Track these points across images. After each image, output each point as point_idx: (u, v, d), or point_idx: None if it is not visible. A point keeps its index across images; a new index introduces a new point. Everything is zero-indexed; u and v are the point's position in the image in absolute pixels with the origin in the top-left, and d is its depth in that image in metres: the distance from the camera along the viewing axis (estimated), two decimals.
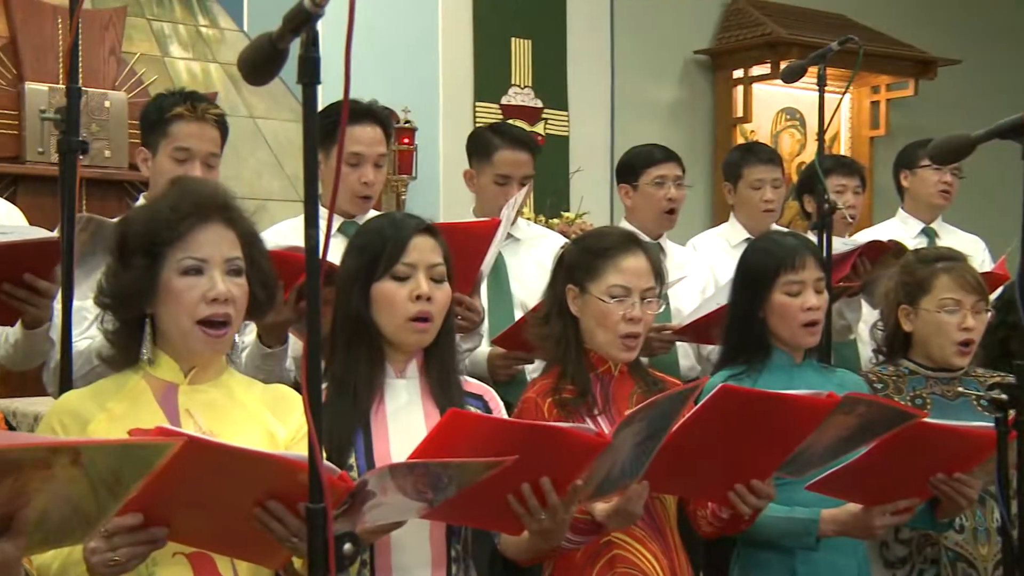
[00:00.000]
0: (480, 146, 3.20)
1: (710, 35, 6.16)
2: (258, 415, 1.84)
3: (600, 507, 2.03)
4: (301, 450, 1.75)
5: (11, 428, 2.76)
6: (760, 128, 6.18)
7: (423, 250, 2.02)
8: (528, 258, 3.13)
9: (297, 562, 1.71)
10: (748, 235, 3.54)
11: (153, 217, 1.80)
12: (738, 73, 6.04)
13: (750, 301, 2.47)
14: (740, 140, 5.84)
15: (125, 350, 1.83)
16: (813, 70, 3.01)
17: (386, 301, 2.00)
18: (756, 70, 5.97)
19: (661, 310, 2.38)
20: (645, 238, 2.59)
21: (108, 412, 1.76)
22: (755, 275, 2.48)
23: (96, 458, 1.31)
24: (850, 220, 3.57)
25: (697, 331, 2.93)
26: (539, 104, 5.59)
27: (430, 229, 2.06)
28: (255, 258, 1.86)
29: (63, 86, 4.03)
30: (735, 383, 2.28)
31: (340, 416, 1.95)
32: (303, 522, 1.54)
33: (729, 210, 3.74)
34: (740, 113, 6.05)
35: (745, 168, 3.59)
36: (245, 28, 4.74)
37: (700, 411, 1.96)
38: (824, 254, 2.80)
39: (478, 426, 1.75)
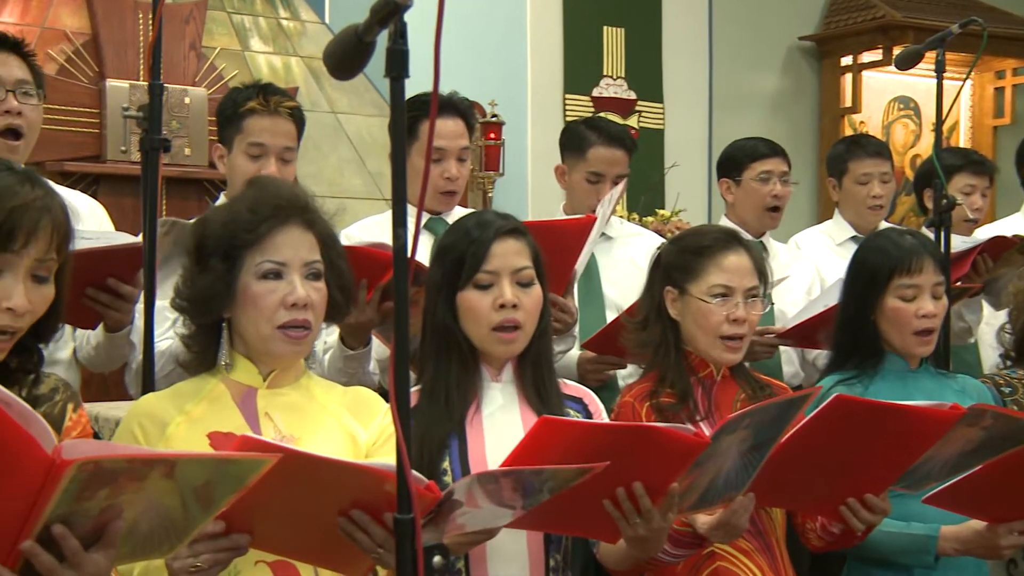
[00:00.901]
0: (574, 141, 3.19)
1: (816, 20, 6.06)
2: (338, 418, 1.87)
3: (702, 519, 2.01)
4: (384, 454, 1.79)
5: (95, 433, 2.84)
6: (870, 119, 6.06)
7: (506, 254, 2.02)
8: (621, 257, 3.12)
9: (381, 573, 1.73)
10: (855, 233, 3.49)
11: (231, 219, 1.82)
12: (847, 60, 5.94)
13: (861, 303, 2.42)
14: (848, 132, 5.74)
15: (202, 355, 1.87)
16: (930, 55, 2.94)
17: (470, 311, 2.01)
18: (867, 56, 5.86)
19: (766, 311, 2.35)
20: (747, 236, 2.56)
21: (187, 415, 1.80)
22: (867, 276, 2.43)
23: (189, 472, 1.35)
24: (972, 220, 3.48)
25: (802, 334, 2.88)
26: (632, 96, 5.57)
27: (516, 230, 2.06)
28: (333, 260, 1.88)
29: (144, 83, 4.16)
30: (845, 389, 2.24)
31: (433, 422, 1.97)
32: (388, 533, 1.57)
33: (834, 206, 3.68)
34: (848, 103, 5.95)
35: (851, 162, 3.53)
36: (327, 20, 4.81)
37: (811, 421, 1.93)
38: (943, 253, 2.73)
39: (571, 431, 1.75)
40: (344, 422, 1.86)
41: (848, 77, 5.94)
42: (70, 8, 4.19)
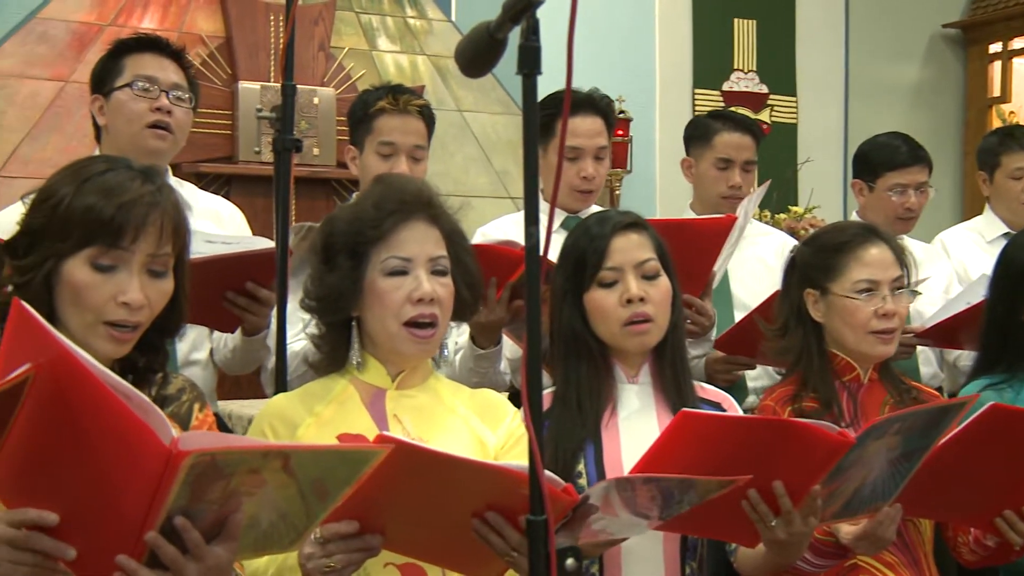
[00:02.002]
0: (699, 131, 3.17)
1: (961, 6, 5.87)
2: (466, 420, 1.88)
3: (846, 529, 1.97)
4: (512, 458, 1.79)
5: (227, 430, 2.93)
6: (1021, 108, 5.83)
7: (627, 248, 2.01)
8: (750, 256, 3.07)
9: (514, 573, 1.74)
10: (1007, 230, 3.37)
11: (357, 216, 1.85)
12: (995, 47, 5.75)
13: (1009, 303, 2.34)
14: (996, 123, 5.54)
15: (331, 355, 1.90)
16: None
17: (598, 311, 2.00)
18: (1018, 42, 5.65)
19: (913, 302, 2.29)
20: None
21: (317, 416, 1.83)
22: (1017, 274, 2.35)
23: (305, 463, 1.37)
24: None
25: (942, 334, 2.80)
26: (764, 90, 5.47)
27: (635, 223, 2.04)
28: (460, 257, 1.89)
29: (275, 84, 4.28)
30: (995, 395, 2.17)
31: (567, 427, 1.96)
32: (523, 536, 1.57)
33: (984, 202, 3.55)
34: (997, 92, 5.75)
35: (1004, 155, 3.40)
36: (453, 19, 4.85)
37: (965, 431, 1.87)
38: None
39: (711, 426, 1.72)
40: (472, 425, 1.87)
41: (997, 65, 5.74)
42: (205, 12, 4.33)
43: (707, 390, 2.12)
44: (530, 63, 1.36)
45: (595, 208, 2.89)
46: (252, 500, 1.37)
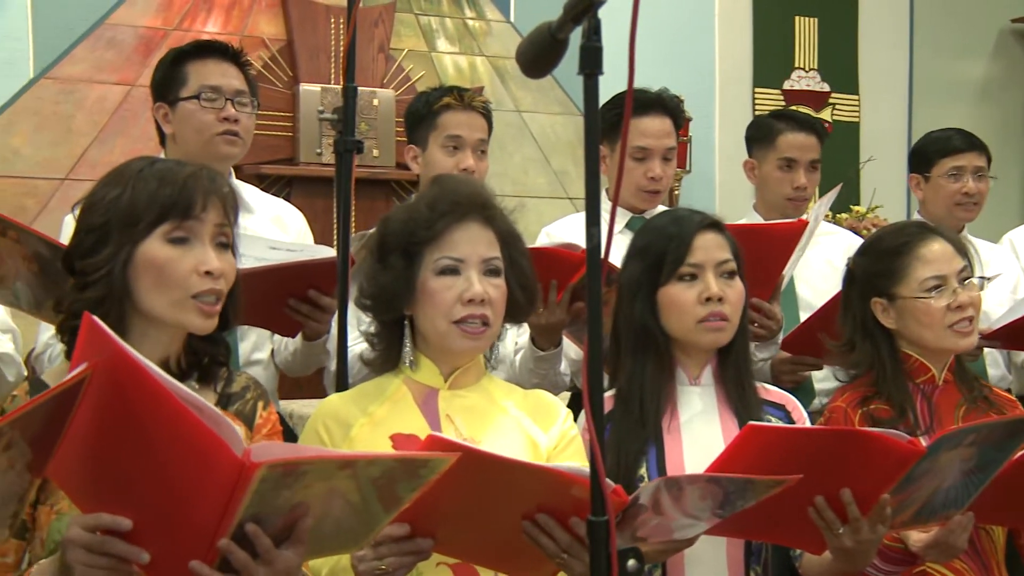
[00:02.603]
0: (762, 132, 3.15)
1: None
2: (518, 421, 1.88)
3: (916, 536, 1.94)
4: (565, 459, 1.79)
5: (288, 429, 2.97)
6: None
7: (709, 247, 2.01)
8: (815, 257, 3.03)
9: None
10: None
11: (411, 216, 1.86)
12: None
13: None
14: None
15: (385, 352, 1.92)
16: None
17: (674, 306, 1.99)
18: None
19: (984, 290, 2.25)
20: None
21: (370, 416, 1.84)
22: None
23: (371, 471, 1.39)
24: None
25: (1010, 336, 2.74)
26: (826, 88, 5.42)
27: (715, 224, 2.04)
28: (515, 258, 1.89)
29: (335, 86, 4.32)
30: None
31: (628, 427, 1.96)
32: (574, 537, 1.57)
33: None
34: None
35: None
36: (512, 19, 4.86)
37: None
38: None
39: (778, 438, 1.71)
40: (524, 426, 1.87)
41: None
42: (267, 16, 4.39)
43: (771, 391, 2.10)
44: (592, 63, 1.36)
45: (660, 208, 2.88)
46: (319, 505, 1.39)
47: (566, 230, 2.78)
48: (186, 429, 1.30)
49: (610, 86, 1.54)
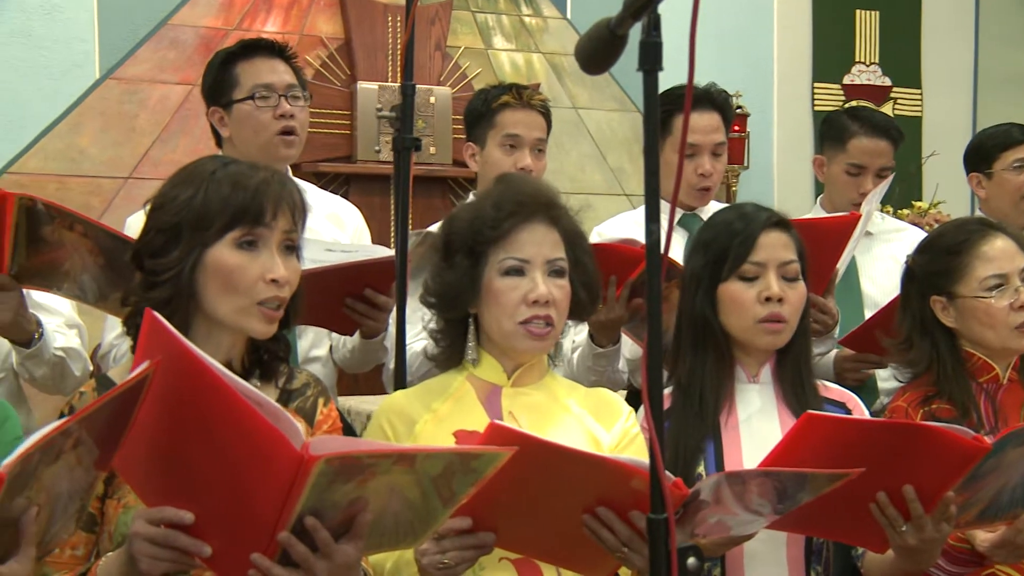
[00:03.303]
0: (834, 131, 3.09)
1: None
2: (580, 419, 1.88)
3: (983, 536, 1.91)
4: (628, 456, 1.78)
5: (347, 425, 2.99)
6: None
7: (774, 246, 1.99)
8: (882, 254, 3.00)
9: (626, 572, 1.73)
10: None
11: (476, 216, 1.87)
12: None
13: None
14: None
15: (449, 349, 1.93)
16: None
17: (733, 303, 1.98)
18: None
19: None
20: None
21: (434, 412, 1.86)
22: None
23: (430, 465, 1.40)
24: None
25: None
26: (887, 82, 5.34)
27: (782, 223, 2.02)
28: (579, 258, 1.90)
29: (392, 84, 4.34)
30: None
31: (687, 424, 1.95)
32: (634, 531, 1.57)
33: None
34: None
35: None
36: (568, 16, 4.86)
37: None
38: None
39: (836, 429, 1.69)
40: (586, 423, 1.87)
41: None
42: (326, 15, 4.43)
43: (831, 389, 2.08)
44: (651, 59, 1.35)
45: (714, 204, 2.86)
46: (378, 500, 1.40)
47: (617, 229, 2.77)
48: (246, 423, 1.32)
49: (664, 81, 1.54)
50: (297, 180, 2.57)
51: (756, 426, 1.97)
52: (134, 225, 2.54)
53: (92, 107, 4.04)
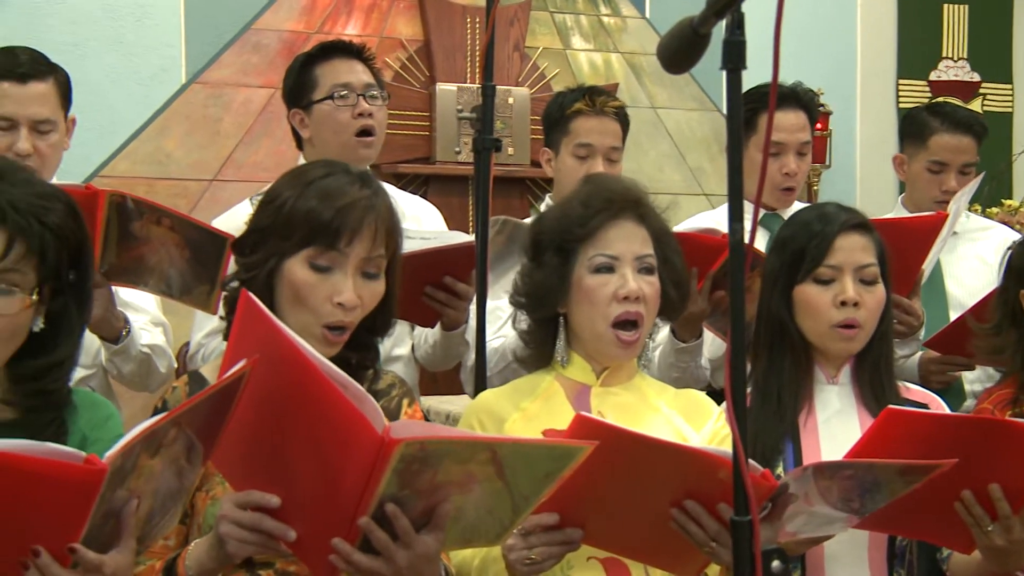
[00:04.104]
0: (915, 128, 3.04)
1: None
2: (670, 419, 1.88)
3: None
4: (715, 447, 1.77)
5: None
6: None
7: (851, 249, 1.96)
8: (967, 254, 2.94)
9: (714, 570, 1.72)
10: None
11: (565, 214, 1.89)
12: None
13: None
14: None
15: (539, 350, 1.94)
16: None
17: (808, 306, 1.96)
18: None
19: None
20: None
21: (523, 411, 1.88)
22: None
23: (511, 457, 1.40)
24: None
25: None
26: (976, 78, 5.23)
27: (862, 225, 2.00)
28: (667, 256, 1.90)
29: (471, 85, 4.37)
30: None
31: (766, 424, 1.94)
32: (722, 525, 1.56)
33: None
34: None
35: None
36: (647, 15, 4.84)
37: None
38: None
39: (919, 424, 1.67)
40: (675, 424, 1.88)
41: None
42: (405, 17, 4.47)
43: (913, 391, 2.05)
44: (735, 58, 1.35)
45: (798, 204, 2.83)
46: (459, 492, 1.41)
47: (697, 224, 2.75)
48: (330, 404, 1.34)
49: (746, 80, 1.52)
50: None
51: (835, 427, 1.96)
52: (230, 220, 2.59)
53: (178, 111, 4.13)
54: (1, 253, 1.42)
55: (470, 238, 2.28)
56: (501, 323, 2.45)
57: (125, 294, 2.35)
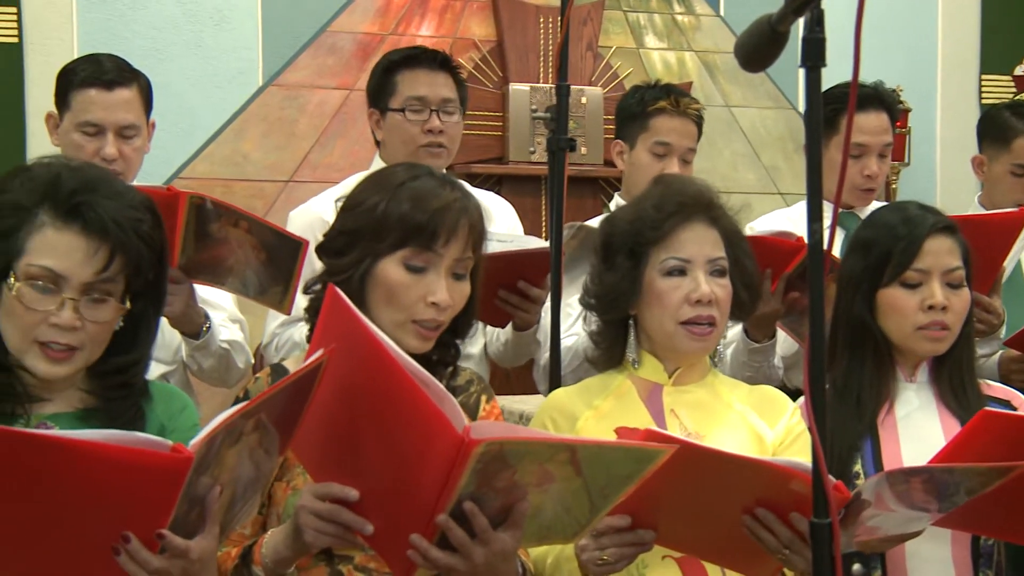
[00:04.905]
0: (996, 129, 2.98)
1: None
2: (744, 416, 1.88)
3: None
4: (791, 455, 1.77)
5: None
6: None
7: (939, 253, 1.94)
8: None
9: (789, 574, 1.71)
10: None
11: (637, 216, 1.89)
12: None
13: None
14: None
15: (610, 351, 1.95)
16: None
17: (894, 310, 1.95)
18: None
19: None
20: None
21: (595, 410, 1.88)
22: None
23: (591, 458, 1.41)
24: None
25: None
26: None
27: (949, 228, 1.97)
28: (739, 258, 1.90)
29: (544, 85, 4.38)
30: None
31: (844, 422, 1.93)
32: (795, 533, 1.55)
33: None
34: None
35: None
36: (721, 13, 4.80)
37: None
38: None
39: (1014, 427, 1.64)
40: (750, 421, 1.87)
41: None
42: (479, 18, 4.49)
43: (994, 387, 2.03)
44: (815, 56, 1.34)
45: (875, 203, 2.80)
46: (537, 491, 1.42)
47: (770, 225, 2.74)
48: (411, 401, 1.36)
49: (828, 79, 1.51)
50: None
51: (915, 424, 1.94)
52: (297, 220, 2.64)
53: (255, 113, 4.20)
54: (103, 266, 1.49)
55: (546, 244, 2.30)
56: (572, 320, 2.46)
57: (204, 292, 2.40)
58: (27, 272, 1.48)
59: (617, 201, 2.81)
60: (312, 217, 2.57)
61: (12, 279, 1.48)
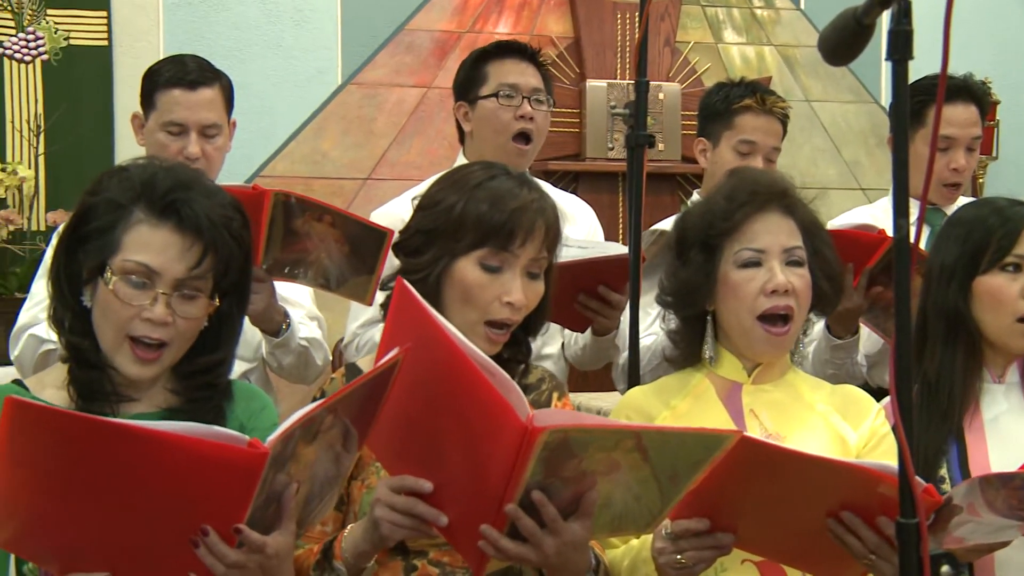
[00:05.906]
0: None
1: None
2: (826, 417, 1.84)
3: None
4: (876, 457, 1.74)
5: None
6: None
7: None
8: None
9: None
10: None
11: (709, 209, 1.87)
12: None
13: None
14: None
15: (687, 348, 1.92)
16: None
17: (992, 297, 1.90)
18: None
19: None
20: None
21: (672, 409, 1.86)
22: None
23: (657, 444, 1.40)
24: None
25: None
26: None
27: None
28: (818, 248, 1.86)
29: (621, 81, 4.37)
30: None
31: (930, 423, 1.89)
32: (881, 538, 1.53)
33: None
34: None
35: None
36: (802, 7, 4.75)
37: None
38: None
39: None
40: (832, 422, 1.84)
41: None
42: (556, 15, 4.50)
43: None
44: (901, 48, 1.32)
45: (962, 200, 2.74)
46: (606, 480, 1.42)
47: (849, 223, 2.69)
48: (477, 390, 1.37)
49: (913, 72, 1.49)
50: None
51: (1004, 427, 1.89)
52: (377, 221, 2.66)
53: (334, 112, 4.25)
54: (195, 262, 1.53)
55: (625, 250, 2.29)
56: (651, 320, 2.44)
57: (283, 289, 2.44)
58: (122, 267, 1.52)
59: (695, 198, 2.78)
60: (393, 219, 2.59)
61: (108, 274, 1.52)
